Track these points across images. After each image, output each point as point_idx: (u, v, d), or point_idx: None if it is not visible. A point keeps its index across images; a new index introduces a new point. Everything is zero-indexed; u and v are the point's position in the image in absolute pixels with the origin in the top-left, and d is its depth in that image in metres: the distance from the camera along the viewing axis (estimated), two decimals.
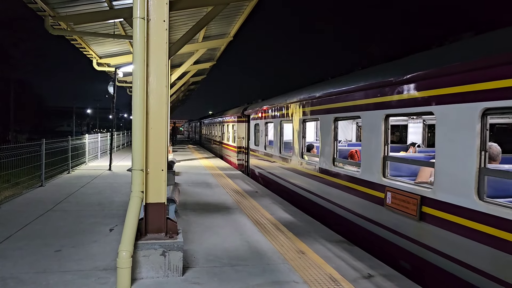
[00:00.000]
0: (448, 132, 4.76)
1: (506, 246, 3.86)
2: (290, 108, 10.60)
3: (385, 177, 6.02)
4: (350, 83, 7.38)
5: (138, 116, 4.57)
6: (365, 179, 6.53)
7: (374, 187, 6.23)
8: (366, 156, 6.59)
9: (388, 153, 6.06)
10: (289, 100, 10.81)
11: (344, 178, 7.39)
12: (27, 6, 9.34)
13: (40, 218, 7.38)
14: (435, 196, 4.91)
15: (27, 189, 10.38)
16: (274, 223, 7.31)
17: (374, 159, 6.25)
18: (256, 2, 12.11)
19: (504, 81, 4.05)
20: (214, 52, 19.69)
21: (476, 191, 4.31)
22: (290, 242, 6.16)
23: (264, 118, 13.69)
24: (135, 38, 4.58)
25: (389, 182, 5.89)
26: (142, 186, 4.62)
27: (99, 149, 20.02)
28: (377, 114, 6.25)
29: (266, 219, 7.66)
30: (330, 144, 7.97)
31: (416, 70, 5.46)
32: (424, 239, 5.07)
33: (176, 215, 7.24)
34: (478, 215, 4.26)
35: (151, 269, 4.59)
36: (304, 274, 4.81)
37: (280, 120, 11.55)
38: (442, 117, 4.88)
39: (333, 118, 7.89)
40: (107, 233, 6.51)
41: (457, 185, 4.57)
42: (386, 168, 6.04)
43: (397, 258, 5.61)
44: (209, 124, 34.71)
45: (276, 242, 6.11)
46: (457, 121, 4.61)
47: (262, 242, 6.09)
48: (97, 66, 16.22)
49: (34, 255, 5.29)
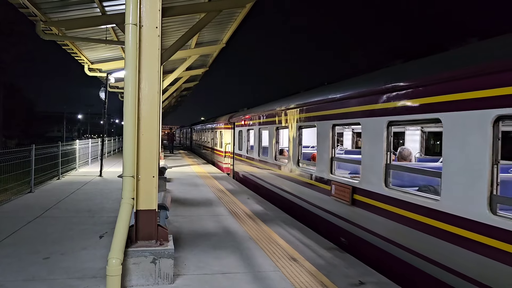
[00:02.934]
0: (368, 137, 6.27)
1: (402, 220, 5.32)
2: (266, 118, 12.28)
3: (332, 173, 7.56)
4: (302, 98, 9.41)
5: (130, 122, 4.55)
6: (319, 176, 8.08)
7: (325, 182, 7.80)
8: (320, 157, 8.10)
9: (334, 154, 7.67)
10: (266, 110, 12.45)
11: (305, 176, 8.88)
12: (18, 10, 9.28)
13: (29, 225, 7.29)
14: (361, 186, 6.40)
15: (16, 195, 10.24)
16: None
17: (325, 160, 7.78)
18: (248, 9, 12.18)
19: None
20: (206, 58, 19.72)
21: (384, 181, 5.76)
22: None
23: (246, 125, 15.41)
24: (127, 44, 4.57)
25: (333, 177, 7.47)
26: (133, 193, 4.59)
27: (89, 155, 19.87)
28: (328, 124, 7.79)
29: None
30: (296, 149, 9.48)
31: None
32: (355, 219, 6.56)
33: (167, 222, 7.20)
34: (385, 198, 5.71)
35: (141, 276, 4.55)
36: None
37: (259, 128, 13.23)
38: (364, 126, 6.41)
39: (298, 126, 9.38)
40: (97, 240, 6.44)
41: (373, 177, 6.05)
42: (333, 166, 7.59)
43: (337, 236, 7.08)
44: (199, 131, 35.95)
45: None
46: (373, 129, 6.10)
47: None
48: (88, 72, 16.13)
49: (22, 262, 5.22)
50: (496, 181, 4.07)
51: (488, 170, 4.08)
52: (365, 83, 6.57)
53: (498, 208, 4.02)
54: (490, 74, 4.14)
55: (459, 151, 4.47)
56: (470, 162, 4.30)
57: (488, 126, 4.10)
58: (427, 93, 5.04)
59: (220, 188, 12.75)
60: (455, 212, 4.47)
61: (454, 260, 4.44)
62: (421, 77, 5.20)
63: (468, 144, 4.34)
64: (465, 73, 4.45)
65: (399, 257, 5.37)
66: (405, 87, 5.45)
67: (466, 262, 4.29)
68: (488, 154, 4.08)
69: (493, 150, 4.06)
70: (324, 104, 7.96)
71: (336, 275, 5.07)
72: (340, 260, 5.67)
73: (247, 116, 15.33)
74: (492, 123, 4.08)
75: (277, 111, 11.06)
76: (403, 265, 5.25)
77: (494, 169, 4.07)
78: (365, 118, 6.34)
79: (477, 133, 4.23)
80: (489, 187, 4.07)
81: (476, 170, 4.21)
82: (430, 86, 4.99)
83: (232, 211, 9.00)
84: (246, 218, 8.36)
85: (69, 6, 9.82)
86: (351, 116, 6.82)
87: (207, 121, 32.30)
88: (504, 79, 3.97)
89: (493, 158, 4.07)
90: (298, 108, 9.38)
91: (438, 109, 4.82)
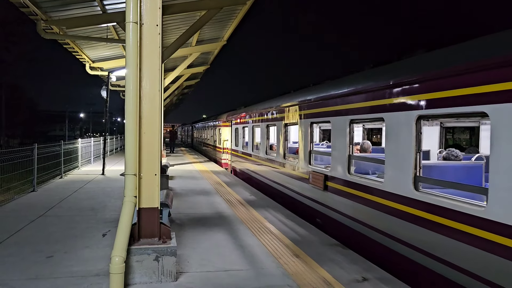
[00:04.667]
0: (335, 132, 7.42)
1: (360, 200, 6.43)
2: (258, 116, 13.39)
3: (310, 165, 8.72)
4: (285, 99, 10.69)
5: (131, 120, 4.55)
6: (300, 166, 9.28)
7: (304, 172, 8.97)
8: (301, 151, 9.24)
9: (312, 148, 8.82)
10: (257, 109, 13.60)
11: (290, 167, 10.03)
12: (19, 9, 9.29)
13: (32, 224, 7.31)
14: (331, 174, 7.60)
15: (19, 194, 10.27)
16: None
17: (305, 153, 8.95)
18: (249, 6, 12.16)
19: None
20: (207, 56, 19.72)
21: (347, 169, 6.93)
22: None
23: (241, 123, 16.67)
24: (127, 42, 4.57)
25: (311, 167, 8.64)
26: (135, 191, 4.60)
27: (92, 154, 19.90)
28: (307, 122, 8.88)
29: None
30: (282, 144, 10.65)
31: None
32: (327, 202, 7.74)
33: (170, 220, 7.22)
34: (348, 183, 6.88)
35: (144, 274, 4.56)
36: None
37: (252, 126, 14.47)
38: (333, 123, 7.49)
39: (284, 124, 10.52)
40: (100, 238, 6.46)
41: (339, 166, 7.22)
42: (311, 158, 8.75)
43: (314, 217, 8.23)
44: (200, 128, 36.88)
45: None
46: (339, 125, 7.22)
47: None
48: (90, 70, 16.15)
49: (26, 261, 5.24)
50: (419, 166, 5.16)
51: (412, 158, 5.18)
52: (330, 89, 7.86)
53: (420, 186, 5.13)
54: (410, 84, 5.36)
55: (394, 143, 5.58)
56: (401, 151, 5.40)
57: (413, 123, 5.19)
58: (374, 97, 6.22)
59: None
60: (393, 190, 5.60)
61: (392, 228, 5.61)
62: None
63: (400, 137, 5.45)
64: (397, 84, 5.60)
65: (359, 231, 6.49)
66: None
67: (400, 229, 5.44)
68: (413, 145, 5.17)
69: (417, 142, 5.15)
70: (304, 105, 9.14)
71: (338, 270, 5.07)
72: (343, 256, 5.67)
73: (242, 115, 16.52)
74: (415, 121, 5.18)
75: (267, 110, 12.24)
76: (362, 237, 6.42)
77: (418, 156, 5.13)
78: (334, 117, 7.51)
79: (405, 129, 5.33)
80: (414, 170, 5.17)
81: (405, 157, 5.30)
82: (376, 91, 6.12)
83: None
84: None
85: (70, 5, 9.82)
86: (325, 115, 7.99)
87: (207, 119, 33.74)
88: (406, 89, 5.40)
89: (417, 148, 5.15)
90: (284, 108, 10.56)
91: (382, 110, 5.95)
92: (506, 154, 3.87)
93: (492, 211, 4.00)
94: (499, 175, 3.93)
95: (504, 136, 3.91)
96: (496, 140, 3.99)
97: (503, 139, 3.93)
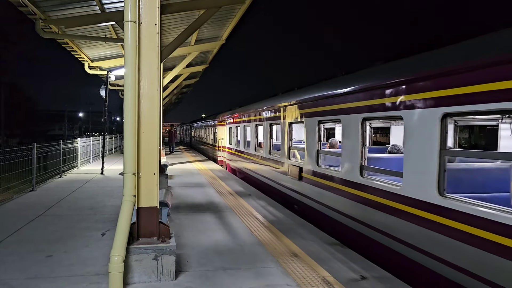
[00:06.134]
0: (308, 130, 8.62)
1: (325, 187, 7.72)
2: (248, 116, 14.75)
3: (289, 159, 10.00)
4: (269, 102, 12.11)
5: (130, 119, 4.55)
6: (280, 160, 10.67)
7: (284, 165, 10.32)
8: (282, 148, 10.52)
9: (291, 145, 9.98)
10: (247, 110, 15.06)
11: (274, 162, 11.33)
12: (17, 9, 9.27)
13: (31, 223, 7.32)
14: (304, 166, 8.86)
15: (18, 194, 10.27)
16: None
17: (285, 149, 10.19)
18: (248, 5, 12.15)
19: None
20: (206, 55, 19.71)
21: (316, 162, 8.22)
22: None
23: (234, 123, 17.98)
24: (126, 41, 4.56)
25: (290, 161, 9.93)
26: (134, 190, 4.60)
27: (91, 153, 19.89)
28: (285, 122, 10.19)
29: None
30: (268, 142, 11.96)
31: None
32: (302, 191, 8.98)
33: (169, 219, 7.22)
34: (317, 174, 8.17)
35: (144, 273, 4.57)
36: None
37: (243, 125, 15.78)
38: (306, 123, 8.77)
39: (269, 124, 11.80)
40: (99, 237, 6.46)
41: (310, 159, 8.50)
42: (290, 154, 9.99)
43: (292, 204, 9.52)
44: (198, 128, 38.29)
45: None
46: (311, 126, 8.48)
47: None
48: (88, 69, 16.14)
49: (25, 261, 5.24)
50: (365, 157, 6.47)
51: (359, 151, 6.48)
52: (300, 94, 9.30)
53: (365, 173, 6.41)
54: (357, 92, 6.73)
55: (347, 140, 6.88)
56: (352, 146, 6.68)
57: (359, 124, 6.51)
58: (330, 103, 7.74)
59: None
60: (346, 177, 6.91)
61: (345, 207, 6.99)
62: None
63: (351, 135, 6.73)
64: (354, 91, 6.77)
65: (327, 214, 7.73)
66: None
67: (351, 209, 6.74)
68: (360, 141, 6.48)
69: (362, 139, 6.49)
70: (283, 108, 10.41)
71: (336, 269, 5.09)
72: (341, 255, 5.68)
73: (235, 115, 17.88)
74: (360, 122, 6.49)
75: (255, 112, 13.61)
76: (328, 219, 7.66)
77: (363, 150, 6.47)
78: (307, 118, 8.72)
79: (354, 128, 6.64)
80: (360, 161, 6.45)
81: (355, 151, 6.59)
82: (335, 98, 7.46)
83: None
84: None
85: (68, 4, 9.81)
86: (301, 117, 9.14)
87: (204, 119, 35.29)
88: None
89: (362, 143, 6.48)
90: (267, 110, 11.97)
91: (339, 113, 7.26)
92: (411, 148, 5.24)
93: (405, 189, 5.33)
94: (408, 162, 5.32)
95: (411, 134, 5.23)
96: (409, 137, 5.25)
97: (411, 136, 5.21)
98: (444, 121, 4.70)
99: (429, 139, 4.86)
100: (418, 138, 5.08)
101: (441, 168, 4.73)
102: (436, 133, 4.75)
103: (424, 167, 4.95)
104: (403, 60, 5.94)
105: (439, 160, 4.73)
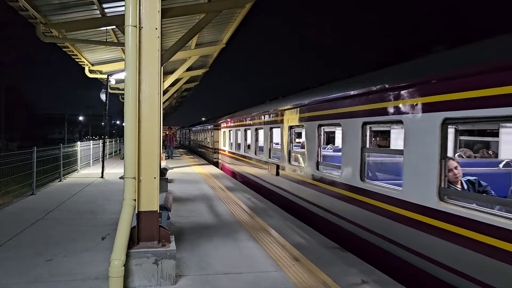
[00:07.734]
0: (283, 135, 10.25)
1: (300, 181, 9.07)
2: (239, 121, 16.48)
3: (270, 158, 11.66)
4: (260, 108, 13.46)
5: (130, 123, 4.56)
6: (264, 160, 12.35)
7: (265, 163, 12.05)
8: (265, 148, 12.12)
9: (272, 146, 11.72)
10: (238, 116, 16.84)
11: (258, 161, 13.04)
12: (18, 13, 9.30)
13: (31, 227, 7.30)
14: (281, 163, 10.56)
15: (18, 197, 10.25)
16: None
17: (267, 149, 11.90)
18: (248, 9, 12.20)
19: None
20: (206, 59, 19.74)
21: (288, 159, 9.89)
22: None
23: (227, 127, 19.93)
24: (127, 46, 4.58)
25: (270, 160, 11.61)
26: (135, 194, 4.60)
27: (91, 157, 19.87)
28: (267, 127, 12.03)
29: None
30: (254, 144, 13.61)
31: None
32: (280, 185, 10.59)
33: (169, 223, 7.21)
34: (288, 169, 9.90)
35: (144, 277, 4.56)
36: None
37: (235, 129, 17.56)
38: (282, 129, 10.47)
39: (255, 128, 13.50)
40: (99, 241, 6.45)
41: (283, 157, 10.20)
42: (271, 154, 11.67)
43: (272, 196, 11.10)
44: (196, 131, 40.41)
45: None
46: (284, 130, 10.09)
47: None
48: (89, 73, 16.16)
49: (25, 265, 5.23)
50: (320, 155, 8.17)
51: (316, 150, 8.13)
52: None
53: (321, 168, 8.03)
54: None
55: (309, 142, 8.45)
56: (312, 147, 8.27)
57: (315, 129, 8.17)
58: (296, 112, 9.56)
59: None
60: (309, 171, 8.44)
61: (309, 196, 8.44)
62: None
63: (310, 138, 8.40)
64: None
65: (298, 203, 9.09)
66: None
67: (311, 196, 8.30)
68: (316, 143, 8.14)
69: (319, 141, 8.15)
70: (263, 115, 12.17)
71: (336, 272, 5.08)
72: (341, 259, 5.67)
73: (228, 120, 19.62)
74: (317, 128, 8.13)
75: (244, 117, 15.29)
76: (301, 208, 8.93)
77: (319, 150, 8.06)
78: (281, 124, 10.31)
79: (312, 133, 8.30)
80: (316, 158, 8.15)
81: (314, 151, 8.19)
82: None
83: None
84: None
85: (69, 8, 9.83)
86: (279, 123, 10.60)
87: (202, 123, 37.79)
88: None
89: (319, 144, 8.17)
90: (254, 116, 13.59)
91: (316, 119, 8.30)
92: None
93: (343, 177, 7.01)
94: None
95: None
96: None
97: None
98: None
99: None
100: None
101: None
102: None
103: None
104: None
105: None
